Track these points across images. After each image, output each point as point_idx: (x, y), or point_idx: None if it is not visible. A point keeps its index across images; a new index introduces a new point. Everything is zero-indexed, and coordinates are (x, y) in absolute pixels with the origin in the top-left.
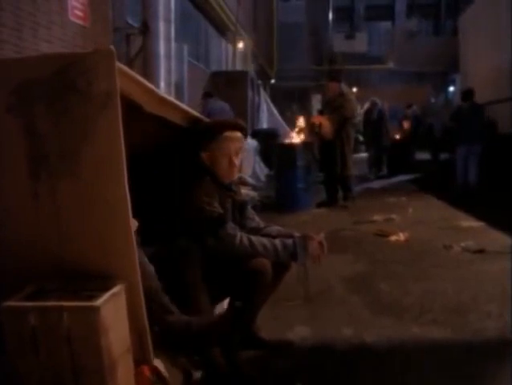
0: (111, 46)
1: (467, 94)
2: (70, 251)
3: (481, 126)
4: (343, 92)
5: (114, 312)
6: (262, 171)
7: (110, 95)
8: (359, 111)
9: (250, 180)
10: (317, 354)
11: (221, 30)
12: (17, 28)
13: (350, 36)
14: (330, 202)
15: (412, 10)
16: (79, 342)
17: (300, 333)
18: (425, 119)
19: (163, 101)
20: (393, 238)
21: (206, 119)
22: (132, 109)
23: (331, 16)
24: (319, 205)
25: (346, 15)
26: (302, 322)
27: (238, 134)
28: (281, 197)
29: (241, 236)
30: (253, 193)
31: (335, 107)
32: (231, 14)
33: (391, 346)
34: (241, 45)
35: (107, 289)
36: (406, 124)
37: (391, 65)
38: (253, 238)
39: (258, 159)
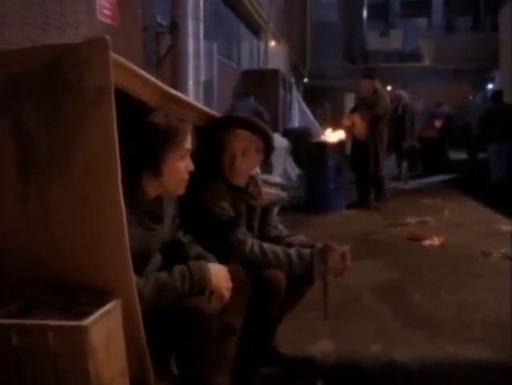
0: (106, 36)
1: (496, 94)
2: (60, 259)
3: (510, 125)
4: (376, 89)
5: (106, 331)
6: (294, 170)
7: (103, 90)
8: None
9: (278, 180)
10: (340, 372)
11: (253, 28)
12: (43, 28)
13: (384, 33)
14: (361, 203)
15: (450, 6)
16: (65, 363)
17: (323, 347)
18: (463, 118)
19: (172, 98)
20: (427, 243)
21: None
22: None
23: (365, 13)
24: (350, 206)
25: (381, 12)
26: (327, 335)
27: (246, 132)
28: (311, 198)
29: (252, 243)
30: (282, 193)
31: (368, 104)
32: (263, 12)
33: (423, 366)
34: (273, 43)
35: (102, 303)
36: (438, 123)
37: (427, 62)
38: (266, 246)
39: (289, 158)
